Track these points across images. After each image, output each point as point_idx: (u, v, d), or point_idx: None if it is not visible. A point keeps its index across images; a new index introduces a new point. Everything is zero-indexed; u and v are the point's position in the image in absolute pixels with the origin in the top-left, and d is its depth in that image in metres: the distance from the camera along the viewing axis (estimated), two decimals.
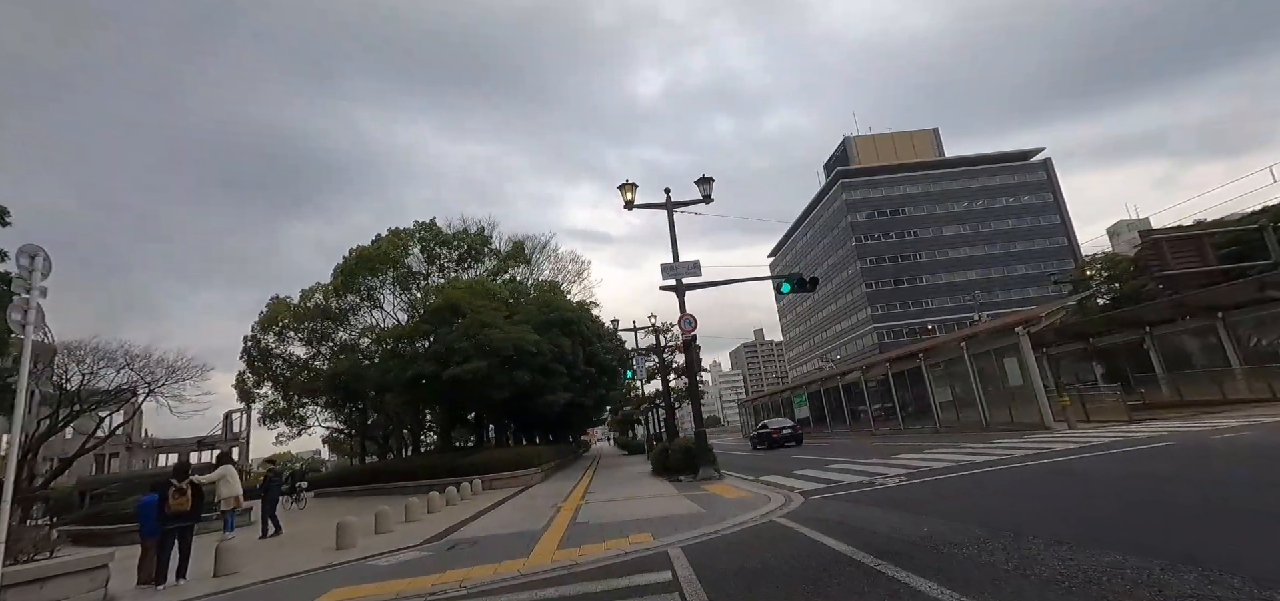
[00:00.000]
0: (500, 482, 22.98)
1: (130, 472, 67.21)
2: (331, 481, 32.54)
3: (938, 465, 13.24)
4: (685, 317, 17.71)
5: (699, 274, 18.65)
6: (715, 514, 9.81)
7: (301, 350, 35.68)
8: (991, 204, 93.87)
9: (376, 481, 27.49)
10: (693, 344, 17.00)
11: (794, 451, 25.68)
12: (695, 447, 17.11)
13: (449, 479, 23.61)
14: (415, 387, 24.59)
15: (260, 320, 34.32)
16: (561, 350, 26.67)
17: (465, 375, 23.20)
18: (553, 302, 28.62)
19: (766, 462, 21.78)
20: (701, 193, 19.30)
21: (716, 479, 16.33)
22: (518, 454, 23.97)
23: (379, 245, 31.40)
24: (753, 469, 19.79)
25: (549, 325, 27.27)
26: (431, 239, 32.86)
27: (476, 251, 33.56)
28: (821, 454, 22.07)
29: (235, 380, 35.97)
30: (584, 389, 33.06)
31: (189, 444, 77.26)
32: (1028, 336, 18.49)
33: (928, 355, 24.93)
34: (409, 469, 25.88)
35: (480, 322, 24.65)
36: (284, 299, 35.12)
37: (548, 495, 17.58)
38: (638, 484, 17.78)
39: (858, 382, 32.63)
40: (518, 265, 34.23)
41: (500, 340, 23.92)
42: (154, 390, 47.05)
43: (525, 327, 25.34)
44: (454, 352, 24.07)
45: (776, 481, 14.49)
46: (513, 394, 25.15)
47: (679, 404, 24.84)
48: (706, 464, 16.85)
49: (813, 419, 39.08)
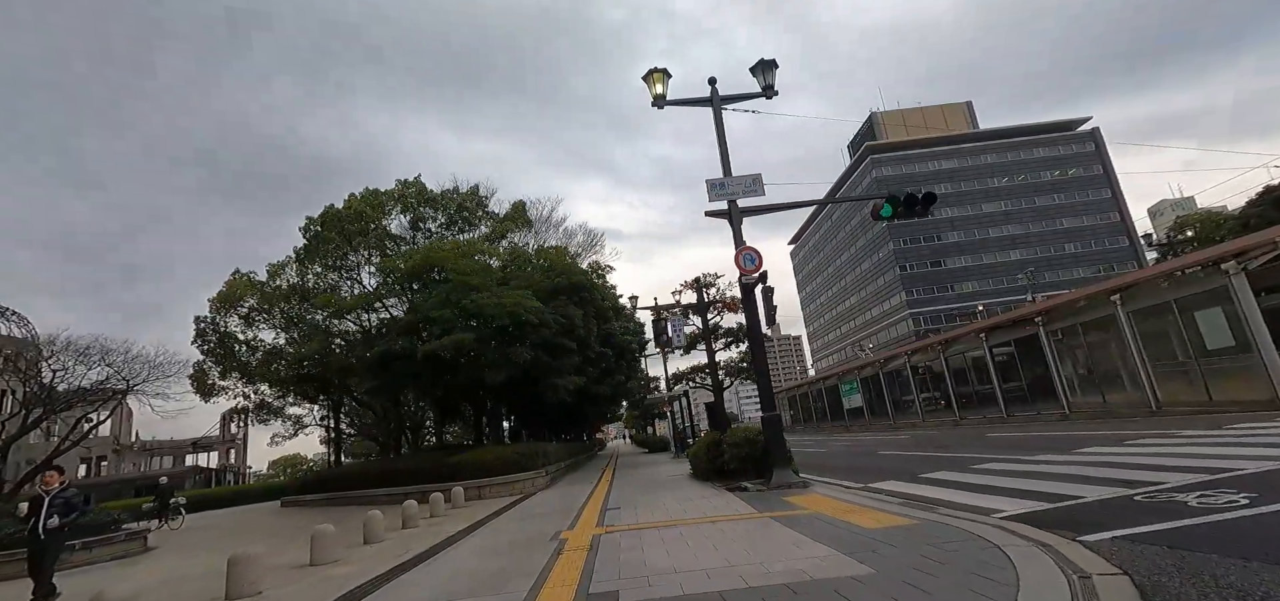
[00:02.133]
0: (494, 489, 17.58)
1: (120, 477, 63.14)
2: (302, 487, 27.42)
3: (1241, 465, 7.59)
4: (745, 252, 12.16)
5: (761, 193, 13.10)
6: (893, 571, 4.32)
7: (271, 336, 30.60)
8: (1034, 178, 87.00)
9: (346, 488, 22.23)
10: (760, 287, 11.43)
11: (863, 442, 20.03)
12: (768, 439, 11.56)
13: (432, 484, 18.33)
14: (383, 369, 19.29)
15: (216, 298, 29.11)
16: (571, 322, 21.21)
17: (445, 351, 17.81)
18: (560, 265, 23.18)
19: (841, 461, 16.16)
20: (761, 83, 13.75)
21: (801, 486, 10.83)
22: (516, 453, 18.54)
23: (352, 205, 26.11)
24: (828, 468, 14.17)
25: (555, 292, 21.81)
26: (416, 198, 27.52)
27: (469, 213, 28.16)
28: (920, 449, 16.42)
29: (191, 371, 30.92)
30: (599, 375, 27.61)
31: (183, 446, 73.09)
32: (1244, 273, 12.67)
33: (1049, 318, 19.08)
34: (387, 473, 20.55)
35: (466, 284, 19.25)
36: (246, 275, 29.97)
37: (551, 510, 12.12)
38: (677, 493, 12.28)
39: (932, 362, 26.88)
40: (519, 229, 28.78)
41: (491, 305, 18.51)
42: (133, 387, 42.64)
43: (524, 292, 19.89)
44: (432, 323, 18.69)
45: (911, 491, 9.03)
46: (510, 377, 19.74)
47: (730, 381, 19.29)
48: (783, 464, 11.31)
49: (869, 409, 33.32)
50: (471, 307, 18.61)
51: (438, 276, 21.29)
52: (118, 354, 40.28)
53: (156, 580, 9.44)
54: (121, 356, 40.19)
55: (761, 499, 10.04)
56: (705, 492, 11.75)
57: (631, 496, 12.69)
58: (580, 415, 42.72)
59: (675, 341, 14.02)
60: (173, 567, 10.76)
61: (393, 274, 20.54)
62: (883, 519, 6.95)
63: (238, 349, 29.86)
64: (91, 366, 40.25)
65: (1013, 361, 21.41)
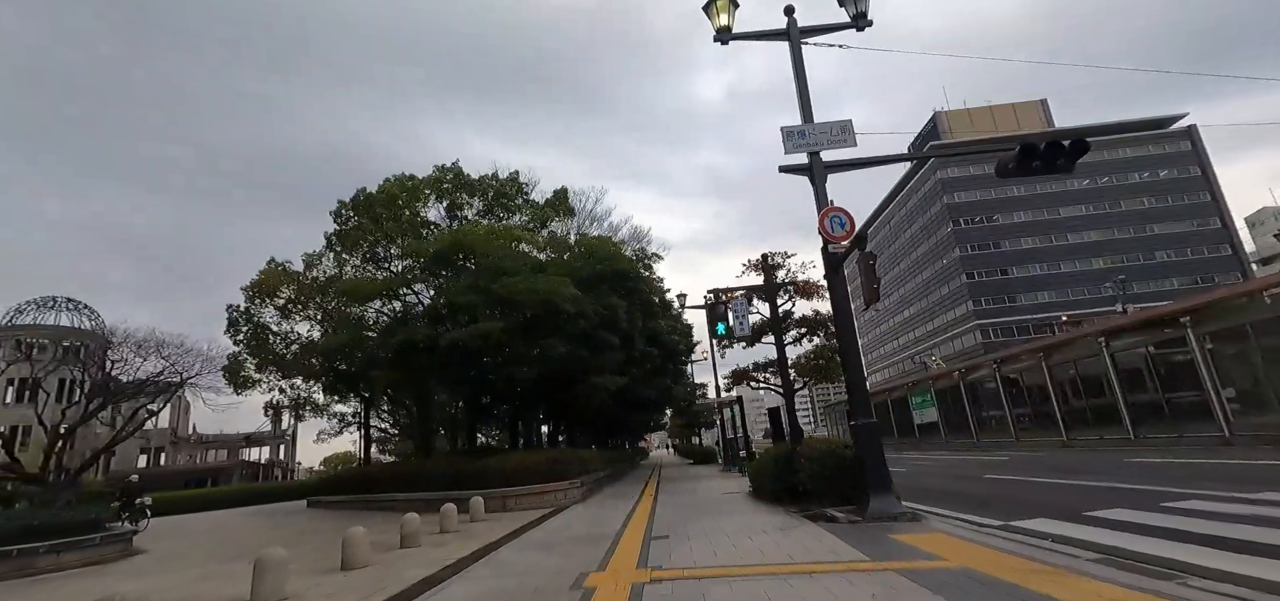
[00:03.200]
0: (520, 500, 15.33)
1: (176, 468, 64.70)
2: (328, 487, 26.05)
3: None
4: (832, 214, 9.48)
5: (850, 143, 10.40)
6: None
7: (306, 328, 29.54)
8: (1122, 180, 79.56)
9: (368, 491, 20.50)
10: (859, 254, 8.70)
11: (949, 462, 16.78)
12: (861, 455, 8.80)
13: (452, 491, 16.25)
14: (404, 360, 17.40)
15: (250, 287, 28.18)
16: (613, 314, 18.83)
17: (471, 340, 15.73)
18: (601, 251, 20.88)
19: (936, 483, 13.09)
20: (851, 12, 11.11)
21: (910, 519, 8.09)
22: (547, 460, 16.25)
23: (386, 189, 24.58)
24: (927, 494, 11.19)
25: (597, 280, 19.50)
26: (452, 183, 25.81)
27: (508, 199, 26.24)
28: (1035, 472, 13.20)
29: (226, 363, 30.19)
30: (643, 376, 25.12)
31: (236, 440, 74.68)
32: None
33: (1199, 318, 15.41)
34: (406, 476, 18.63)
35: (497, 269, 17.16)
36: (281, 265, 29.03)
37: (580, 535, 9.67)
38: (740, 519, 9.65)
39: (1029, 372, 23.17)
40: (560, 218, 26.70)
41: (522, 291, 16.32)
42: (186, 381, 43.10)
43: (561, 278, 17.65)
44: (457, 310, 16.67)
45: (1096, 539, 6.21)
46: (543, 374, 17.52)
47: (803, 382, 16.41)
48: (882, 489, 8.54)
49: (945, 424, 29.57)
50: (501, 293, 16.49)
51: (467, 262, 19.36)
52: (172, 347, 40.62)
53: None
54: (175, 349, 40.54)
55: (862, 536, 7.33)
56: (778, 521, 9.07)
57: (681, 520, 10.12)
58: (623, 422, 40.36)
59: (737, 330, 11.45)
60: (144, 584, 8.84)
61: (419, 257, 18.65)
62: (1092, 591, 4.19)
63: (272, 340, 28.89)
64: (147, 358, 40.78)
65: (1145, 371, 17.69)
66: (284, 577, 6.34)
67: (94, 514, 12.01)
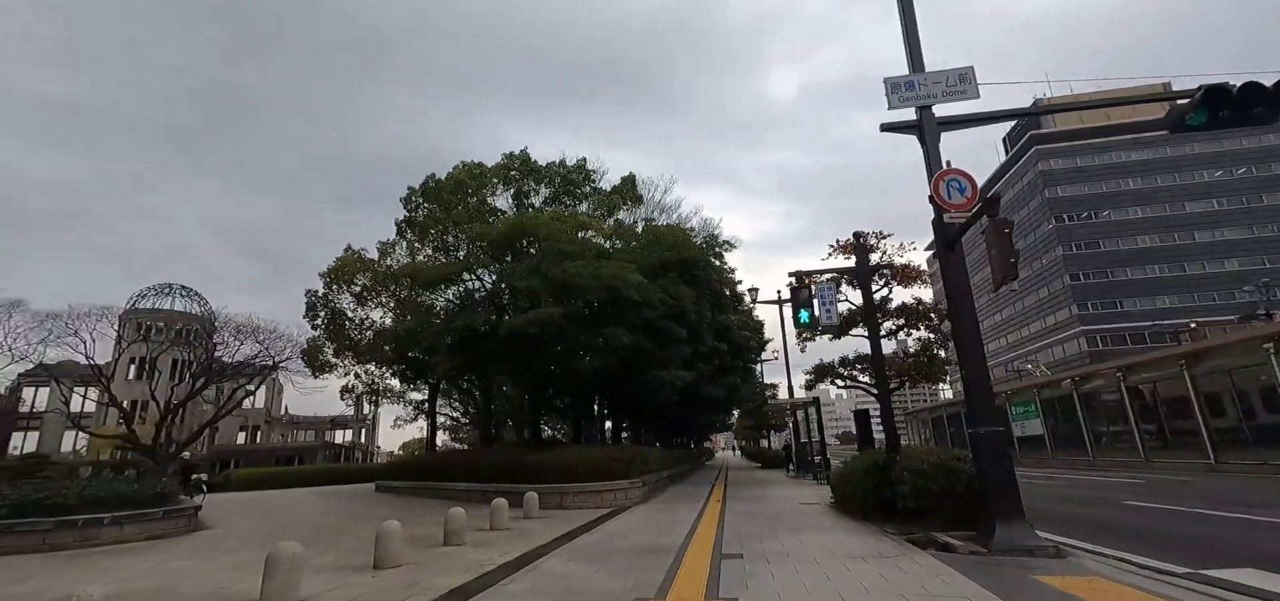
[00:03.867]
0: (577, 498, 14.39)
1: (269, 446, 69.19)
2: (392, 473, 26.32)
3: None
4: (949, 178, 7.81)
5: (972, 94, 8.63)
6: None
7: (379, 315, 30.18)
8: (1264, 172, 69.84)
9: (429, 478, 20.29)
10: (990, 221, 7.00)
11: (1063, 481, 14.29)
12: (984, 471, 7.11)
13: (508, 484, 15.58)
14: (467, 345, 16.87)
15: (327, 273, 29.01)
16: (680, 304, 17.57)
17: (531, 328, 14.93)
18: (668, 238, 19.65)
19: (1057, 508, 10.91)
20: None
21: (1053, 556, 6.39)
22: (606, 456, 15.20)
23: (455, 175, 24.46)
24: (1051, 521, 9.15)
25: (664, 268, 18.31)
26: (520, 171, 25.40)
27: (575, 186, 25.55)
28: (1195, 501, 10.76)
29: (304, 348, 31.33)
30: (712, 373, 23.72)
31: (323, 422, 79.10)
32: None
33: None
34: (464, 466, 18.21)
35: (558, 253, 16.31)
36: (357, 252, 29.76)
37: (638, 546, 8.48)
38: (826, 537, 8.15)
39: (1164, 383, 19.88)
40: (627, 206, 25.71)
41: (585, 276, 15.37)
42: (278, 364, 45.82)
43: (625, 265, 16.58)
44: (517, 296, 15.93)
45: None
46: (605, 365, 16.52)
47: (902, 381, 14.51)
48: (1011, 515, 6.84)
49: (1053, 439, 26.25)
50: (562, 278, 15.61)
51: (531, 248, 18.67)
52: (266, 332, 43.19)
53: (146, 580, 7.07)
54: (269, 334, 43.05)
55: (994, 576, 5.72)
56: (876, 545, 7.51)
57: (755, 535, 8.73)
58: (688, 420, 39.00)
59: (823, 319, 9.92)
60: (181, 566, 8.48)
61: (482, 242, 18.14)
62: None
63: (348, 326, 29.70)
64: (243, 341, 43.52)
65: None
66: (298, 576, 5.53)
67: (157, 488, 12.03)
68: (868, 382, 13.97)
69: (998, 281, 6.76)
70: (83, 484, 11.29)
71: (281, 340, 41.09)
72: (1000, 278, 6.71)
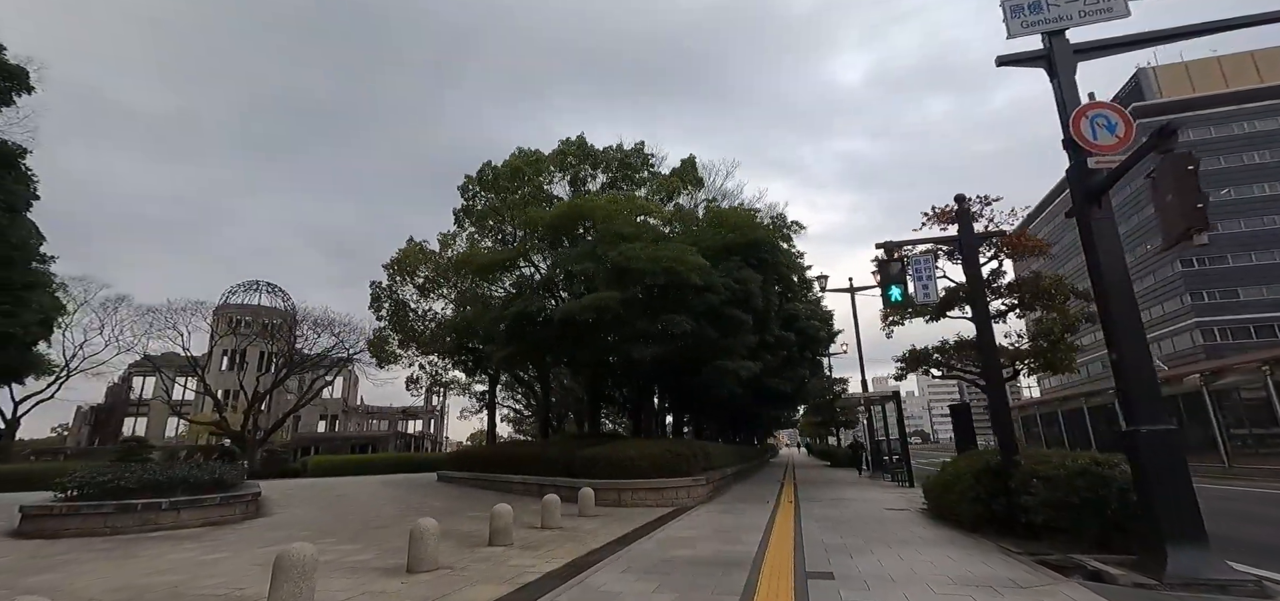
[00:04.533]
0: (635, 495, 13.42)
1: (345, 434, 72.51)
2: (452, 463, 26.32)
3: None
4: (1094, 112, 6.25)
5: (1120, 11, 6.95)
6: None
7: (440, 306, 30.36)
8: None
9: (486, 469, 19.94)
10: (1162, 163, 5.44)
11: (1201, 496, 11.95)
12: (1148, 481, 5.55)
13: (562, 478, 14.87)
14: (521, 333, 16.23)
15: (391, 264, 29.41)
16: (746, 289, 16.24)
17: (585, 313, 14.07)
18: (731, 219, 18.34)
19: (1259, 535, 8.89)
20: None
21: (1257, 599, 4.78)
22: (666, 451, 14.14)
23: (511, 162, 24.04)
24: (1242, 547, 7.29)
25: (727, 251, 17.03)
26: (576, 156, 24.72)
27: (633, 170, 24.61)
28: None
29: (371, 338, 32.05)
30: (779, 365, 22.21)
31: (395, 412, 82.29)
32: None
33: None
34: (517, 458, 17.61)
35: (615, 235, 15.37)
36: (419, 243, 30.03)
37: (704, 556, 7.36)
38: (931, 555, 6.74)
39: None
40: (687, 189, 24.51)
41: (643, 259, 14.35)
42: (353, 356, 47.78)
43: (686, 247, 15.43)
44: (571, 280, 15.11)
45: None
46: (665, 354, 15.45)
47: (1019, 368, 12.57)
48: (1187, 537, 5.28)
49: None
50: (619, 261, 14.66)
51: (587, 233, 17.83)
52: (341, 325, 45.08)
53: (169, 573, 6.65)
54: (344, 327, 44.90)
55: None
56: (1002, 570, 6.05)
57: (842, 549, 7.43)
58: (753, 415, 37.40)
59: (919, 296, 8.37)
60: (216, 558, 8.11)
61: (536, 227, 17.46)
62: None
63: (411, 318, 30.05)
64: (320, 334, 45.53)
65: None
66: (307, 582, 4.77)
67: (216, 473, 11.97)
68: (974, 373, 12.15)
69: (1175, 236, 5.19)
70: (143, 468, 11.31)
71: (354, 333, 42.77)
72: (1179, 230, 5.15)
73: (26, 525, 10.20)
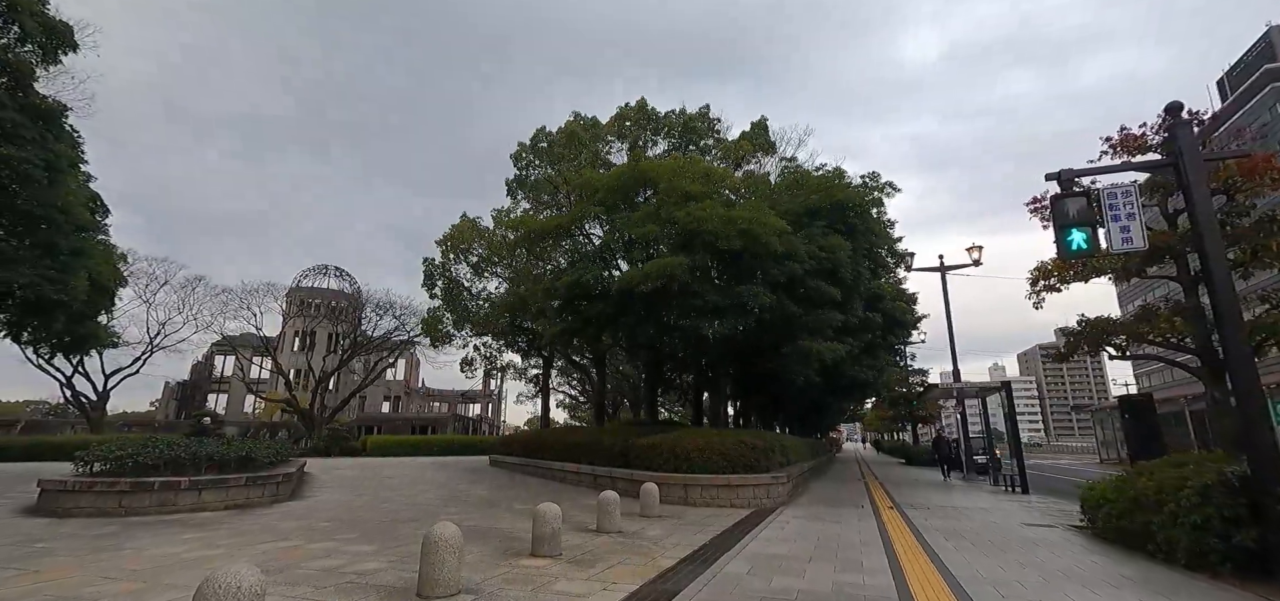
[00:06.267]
0: (706, 492, 11.51)
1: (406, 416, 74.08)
2: (503, 448, 25.11)
3: None
4: None
5: None
6: None
7: (495, 285, 29.25)
8: None
9: (536, 455, 18.50)
10: None
11: None
12: None
13: (616, 469, 13.16)
14: (575, 306, 14.53)
15: (443, 240, 28.42)
16: (833, 259, 13.92)
17: (647, 282, 12.18)
18: (814, 180, 15.99)
19: None
20: None
21: None
22: (738, 444, 12.11)
23: (567, 127, 22.39)
24: None
25: (812, 215, 14.74)
26: (635, 121, 22.80)
27: (697, 135, 22.46)
28: None
29: (425, 318, 31.30)
30: (861, 349, 19.69)
31: (454, 396, 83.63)
32: None
33: None
34: (580, 445, 15.94)
35: (682, 193, 13.39)
36: (473, 220, 28.96)
37: (820, 591, 5.33)
38: None
39: None
40: (758, 155, 22.14)
41: (714, 220, 12.32)
42: (413, 339, 48.16)
43: (763, 207, 13.29)
44: (632, 248, 13.28)
45: None
46: (736, 331, 13.38)
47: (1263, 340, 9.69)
48: None
49: None
50: (686, 223, 12.67)
51: (649, 199, 15.91)
52: (402, 308, 45.28)
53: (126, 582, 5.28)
54: (405, 310, 45.07)
55: None
56: None
57: (1017, 586, 5.25)
58: (822, 406, 34.63)
59: (1118, 241, 5.94)
60: (205, 555, 6.77)
61: (594, 191, 15.64)
62: None
63: (464, 298, 29.05)
64: (383, 317, 45.94)
65: None
66: None
67: (245, 451, 10.87)
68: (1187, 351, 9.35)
69: None
70: (164, 443, 10.31)
71: (414, 317, 42.76)
72: None
73: (43, 501, 9.34)
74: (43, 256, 13.41)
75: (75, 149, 14.73)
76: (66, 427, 43.54)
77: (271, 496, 10.92)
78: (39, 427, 44.66)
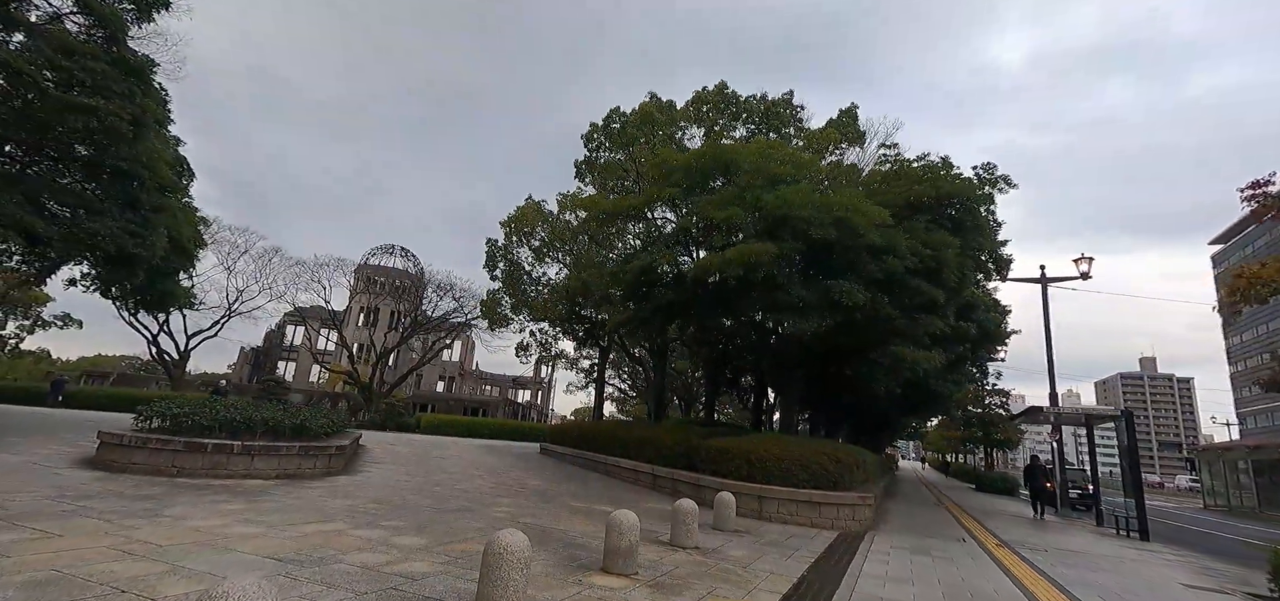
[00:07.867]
0: (783, 507, 10.24)
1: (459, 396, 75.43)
2: (555, 437, 24.39)
3: None
4: None
5: None
6: None
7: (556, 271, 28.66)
8: None
9: (589, 448, 17.62)
10: None
11: None
12: None
13: (679, 470, 12.08)
14: (642, 292, 13.48)
15: (507, 221, 28.01)
16: (938, 258, 12.28)
17: (729, 269, 10.97)
18: (915, 170, 14.33)
19: None
20: None
21: None
22: (818, 454, 10.73)
23: (642, 109, 21.36)
24: None
25: (915, 209, 13.14)
26: (713, 105, 21.54)
27: (780, 122, 20.99)
28: None
29: (484, 300, 31.09)
30: (953, 360, 17.83)
31: (505, 381, 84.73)
32: None
33: None
34: (638, 440, 14.91)
35: (770, 175, 12.12)
36: (537, 202, 28.44)
37: None
38: None
39: None
40: (846, 145, 20.44)
41: (805, 205, 11.00)
42: (470, 320, 48.72)
43: (860, 195, 11.84)
44: (711, 233, 12.11)
45: None
46: (824, 330, 11.99)
47: None
48: None
49: None
50: (774, 208, 11.39)
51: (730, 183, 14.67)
52: (461, 290, 45.69)
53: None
54: (464, 292, 45.47)
55: None
56: None
57: None
58: (891, 421, 32.40)
59: None
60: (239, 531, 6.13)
61: (669, 171, 14.50)
62: None
63: (524, 281, 28.62)
64: (443, 297, 46.54)
65: None
66: None
67: (300, 419, 10.41)
68: None
69: None
70: (221, 405, 9.96)
71: (473, 299, 43.05)
72: None
73: (101, 452, 9.12)
74: (125, 209, 13.53)
75: (161, 106, 14.89)
76: (152, 383, 46.30)
77: (324, 468, 10.43)
78: (128, 381, 47.68)
